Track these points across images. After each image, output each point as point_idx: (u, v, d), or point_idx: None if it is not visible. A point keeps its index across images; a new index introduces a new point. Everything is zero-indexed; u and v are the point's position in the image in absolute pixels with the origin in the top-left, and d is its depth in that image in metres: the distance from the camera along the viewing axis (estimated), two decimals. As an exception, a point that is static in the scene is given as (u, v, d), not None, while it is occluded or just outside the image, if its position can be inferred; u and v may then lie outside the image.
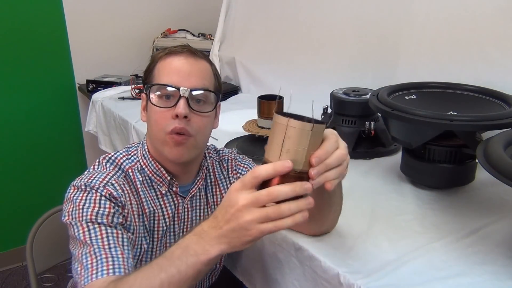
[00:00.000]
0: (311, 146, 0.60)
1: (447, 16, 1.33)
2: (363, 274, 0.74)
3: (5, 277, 2.21)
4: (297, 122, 0.58)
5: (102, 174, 0.82)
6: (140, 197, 0.86)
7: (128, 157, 0.89)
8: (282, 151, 0.59)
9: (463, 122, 0.91)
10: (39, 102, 2.21)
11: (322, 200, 0.77)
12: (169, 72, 0.83)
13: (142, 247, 0.86)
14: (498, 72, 1.19)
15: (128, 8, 2.34)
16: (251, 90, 2.02)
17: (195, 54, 0.86)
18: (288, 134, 0.59)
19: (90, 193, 0.78)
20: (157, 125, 0.83)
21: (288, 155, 0.59)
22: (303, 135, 0.59)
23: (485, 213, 0.94)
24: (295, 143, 0.59)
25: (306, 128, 0.59)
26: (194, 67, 0.84)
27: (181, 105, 0.80)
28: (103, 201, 0.78)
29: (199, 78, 0.84)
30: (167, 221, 0.89)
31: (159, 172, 0.88)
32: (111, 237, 0.75)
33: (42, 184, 2.30)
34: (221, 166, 0.99)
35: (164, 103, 0.82)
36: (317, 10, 1.80)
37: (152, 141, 0.87)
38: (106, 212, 0.77)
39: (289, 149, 0.59)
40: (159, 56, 0.86)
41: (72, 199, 0.79)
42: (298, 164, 0.60)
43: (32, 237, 1.17)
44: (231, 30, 2.21)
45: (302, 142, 0.59)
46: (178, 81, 0.82)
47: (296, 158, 0.60)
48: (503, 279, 0.73)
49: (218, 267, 1.01)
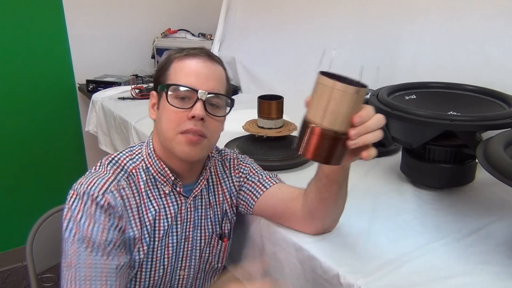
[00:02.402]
0: (353, 109, 0.62)
1: (447, 16, 1.33)
2: (363, 274, 0.74)
3: (5, 277, 2.21)
4: (343, 85, 0.60)
5: (102, 179, 0.82)
6: (142, 197, 0.86)
7: (132, 157, 0.90)
8: (327, 112, 0.62)
9: (463, 122, 0.91)
10: (39, 102, 2.20)
11: (330, 193, 0.78)
12: (187, 74, 0.84)
13: (142, 251, 0.86)
14: (498, 72, 1.19)
15: (128, 8, 2.34)
16: (251, 90, 2.02)
17: (213, 58, 0.87)
18: (333, 96, 0.61)
19: (87, 204, 0.79)
20: (169, 124, 0.84)
21: (331, 116, 0.62)
22: (347, 98, 0.61)
23: (485, 213, 0.94)
24: (339, 105, 0.61)
25: (351, 91, 0.60)
26: (212, 71, 0.86)
27: (199, 108, 0.81)
28: (98, 214, 0.79)
29: (216, 82, 0.85)
30: (170, 221, 0.89)
31: (163, 171, 0.88)
32: (99, 267, 0.77)
33: (42, 184, 2.30)
34: (224, 166, 0.99)
35: (180, 104, 0.83)
36: (317, 10, 1.80)
37: (161, 139, 0.87)
38: (101, 227, 0.78)
39: (333, 111, 0.61)
40: (176, 57, 0.87)
41: (70, 207, 0.80)
42: (340, 125, 0.62)
43: (32, 237, 1.17)
44: (231, 30, 2.21)
45: (346, 104, 0.61)
46: (196, 84, 0.83)
47: (338, 119, 0.62)
48: (503, 279, 0.73)
49: (219, 267, 1.01)
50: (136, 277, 0.88)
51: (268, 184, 0.94)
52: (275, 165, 1.15)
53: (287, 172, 1.15)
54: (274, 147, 1.21)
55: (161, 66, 0.89)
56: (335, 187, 0.77)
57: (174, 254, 0.91)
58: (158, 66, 0.90)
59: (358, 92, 0.61)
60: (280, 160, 1.18)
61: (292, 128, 1.23)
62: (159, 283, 0.91)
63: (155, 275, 0.89)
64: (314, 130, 0.63)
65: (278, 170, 1.12)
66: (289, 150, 1.21)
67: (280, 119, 1.22)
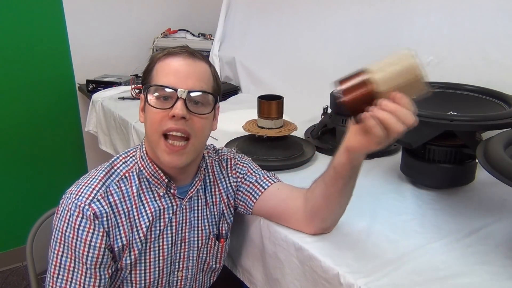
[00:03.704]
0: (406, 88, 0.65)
1: (447, 16, 1.33)
2: (363, 274, 0.74)
3: (5, 277, 2.21)
4: (416, 62, 0.64)
5: (89, 187, 0.84)
6: (135, 201, 0.86)
7: (125, 159, 0.90)
8: (386, 71, 0.65)
9: (463, 122, 0.91)
10: (39, 102, 2.20)
11: (335, 188, 0.78)
12: (167, 73, 0.83)
13: (133, 255, 0.86)
14: (498, 72, 1.19)
15: (128, 8, 2.34)
16: (251, 90, 2.02)
17: (193, 55, 0.85)
18: (402, 62, 0.65)
19: (73, 215, 0.82)
20: (152, 125, 0.83)
21: (388, 75, 0.65)
22: (409, 73, 0.65)
23: (485, 213, 0.94)
24: (400, 73, 0.65)
25: (417, 72, 0.65)
26: (192, 69, 0.84)
27: (178, 106, 0.80)
28: (82, 229, 0.81)
29: (197, 80, 0.83)
30: (163, 223, 0.89)
31: (156, 174, 0.88)
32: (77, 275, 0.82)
33: (42, 184, 2.30)
34: (221, 165, 0.99)
35: (161, 104, 0.82)
36: (317, 10, 1.80)
37: (149, 143, 0.87)
38: (83, 243, 0.81)
39: (392, 73, 0.65)
40: (158, 57, 0.86)
41: (59, 212, 0.84)
42: (385, 87, 0.65)
43: (32, 237, 1.17)
44: (231, 30, 2.21)
45: (403, 77, 0.65)
46: (176, 82, 0.81)
47: (388, 82, 0.65)
48: (503, 279, 0.73)
49: (218, 267, 1.01)
50: (131, 278, 0.88)
51: (266, 184, 0.94)
52: (275, 165, 1.15)
53: (287, 172, 1.15)
54: (274, 147, 1.21)
55: (146, 68, 0.88)
56: (341, 182, 0.77)
57: (170, 255, 0.91)
58: (145, 68, 0.89)
59: (420, 78, 0.64)
60: (280, 160, 1.18)
61: (292, 128, 1.23)
62: (156, 284, 0.91)
63: (150, 277, 0.89)
64: (366, 80, 0.66)
65: (278, 170, 1.12)
66: (289, 150, 1.21)
67: (280, 119, 1.22)
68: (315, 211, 0.84)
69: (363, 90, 0.66)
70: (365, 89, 0.66)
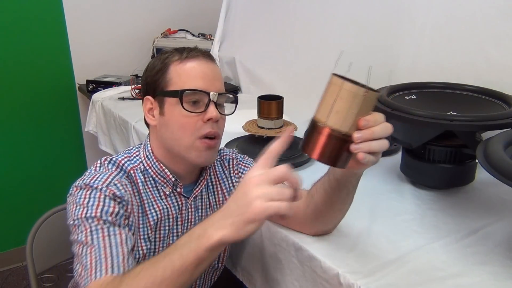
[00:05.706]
0: (360, 112, 0.60)
1: (447, 16, 1.33)
2: (363, 274, 0.74)
3: (5, 277, 2.21)
4: (351, 85, 0.59)
5: (105, 174, 0.82)
6: (142, 198, 0.86)
7: (129, 158, 0.89)
8: (332, 111, 0.60)
9: (463, 122, 0.91)
10: (39, 102, 2.20)
11: (338, 197, 0.77)
12: (194, 77, 0.83)
13: (141, 250, 0.85)
14: (498, 72, 1.19)
15: (128, 8, 2.34)
16: (251, 90, 2.02)
17: (211, 58, 0.88)
18: (341, 95, 0.59)
19: (93, 191, 0.78)
20: (184, 130, 0.83)
21: (336, 116, 0.60)
22: (355, 99, 0.59)
23: (485, 213, 0.94)
24: (346, 105, 0.59)
25: (359, 92, 0.59)
26: (215, 71, 0.87)
27: (214, 110, 0.83)
28: (107, 200, 0.77)
29: (221, 82, 0.87)
30: (171, 222, 0.89)
31: (163, 173, 0.88)
32: (113, 236, 0.74)
33: (42, 184, 2.30)
34: (223, 166, 0.99)
35: (193, 108, 0.83)
36: (317, 10, 1.80)
37: (171, 145, 0.86)
38: (111, 210, 0.76)
39: (338, 111, 0.60)
40: (174, 59, 0.85)
41: (75, 199, 0.78)
42: (345, 127, 0.61)
43: (32, 237, 1.17)
44: (231, 30, 2.21)
45: (353, 106, 0.59)
46: (205, 86, 0.83)
47: (344, 120, 0.60)
48: (502, 279, 0.73)
49: (220, 267, 1.01)
50: None
51: None
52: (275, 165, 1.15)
53: (287, 172, 1.15)
54: (274, 147, 1.20)
55: (157, 69, 0.86)
56: (344, 192, 0.76)
57: None
58: (150, 69, 0.88)
59: (365, 94, 0.59)
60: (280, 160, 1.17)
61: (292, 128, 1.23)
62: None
63: None
64: (320, 129, 0.62)
65: (278, 170, 1.12)
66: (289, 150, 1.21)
67: (280, 119, 1.22)
68: (317, 215, 0.83)
69: (320, 138, 0.62)
70: (322, 135, 0.62)
